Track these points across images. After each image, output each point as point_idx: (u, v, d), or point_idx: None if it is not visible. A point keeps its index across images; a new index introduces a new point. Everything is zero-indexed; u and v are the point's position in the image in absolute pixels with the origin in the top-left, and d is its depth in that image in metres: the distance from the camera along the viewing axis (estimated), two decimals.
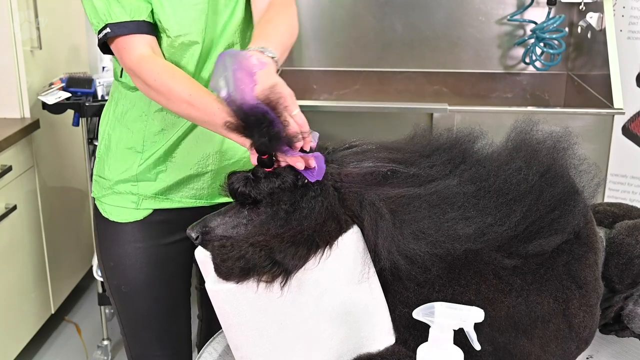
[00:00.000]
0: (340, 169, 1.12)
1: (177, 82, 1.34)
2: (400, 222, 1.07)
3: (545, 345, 1.15)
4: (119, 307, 1.63)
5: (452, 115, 2.40)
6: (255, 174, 1.12)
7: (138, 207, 1.54)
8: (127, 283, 1.58)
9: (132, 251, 1.55)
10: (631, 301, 1.29)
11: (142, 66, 1.37)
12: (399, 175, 1.12)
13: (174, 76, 1.36)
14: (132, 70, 1.39)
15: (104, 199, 1.57)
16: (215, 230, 1.15)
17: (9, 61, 2.59)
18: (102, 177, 1.58)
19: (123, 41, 1.38)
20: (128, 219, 1.55)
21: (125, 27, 1.37)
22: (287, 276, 1.06)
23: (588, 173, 1.19)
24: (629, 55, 2.77)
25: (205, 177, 1.57)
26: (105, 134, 1.58)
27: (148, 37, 1.40)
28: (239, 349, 1.13)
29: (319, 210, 1.07)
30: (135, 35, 1.38)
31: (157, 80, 1.35)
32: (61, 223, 2.88)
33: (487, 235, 1.09)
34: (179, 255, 1.60)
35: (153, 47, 1.41)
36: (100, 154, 1.59)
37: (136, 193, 1.54)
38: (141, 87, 1.39)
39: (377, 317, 1.15)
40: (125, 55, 1.39)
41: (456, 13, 3.01)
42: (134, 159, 1.54)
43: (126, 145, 1.54)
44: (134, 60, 1.37)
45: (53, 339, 2.94)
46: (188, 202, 1.56)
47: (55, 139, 2.86)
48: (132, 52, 1.38)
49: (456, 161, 1.17)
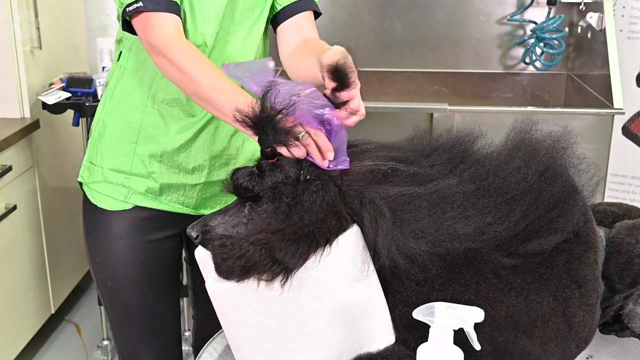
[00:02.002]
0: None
1: (205, 65, 1.33)
2: (400, 221, 1.07)
3: (545, 345, 1.15)
4: (105, 302, 1.64)
5: (452, 115, 2.41)
6: (260, 168, 1.13)
7: (126, 200, 1.54)
8: (112, 279, 1.58)
9: (118, 247, 1.55)
10: (631, 301, 1.29)
11: (171, 45, 1.34)
12: (399, 173, 1.13)
13: (202, 59, 1.34)
14: (157, 47, 1.35)
15: (94, 185, 1.56)
16: (215, 229, 1.15)
17: (9, 61, 2.59)
18: (93, 164, 1.56)
19: (153, 17, 1.36)
20: (116, 208, 1.54)
21: (158, 3, 1.36)
22: (287, 275, 1.06)
23: (587, 172, 1.19)
24: (629, 55, 2.77)
25: (197, 187, 1.56)
26: (99, 121, 1.56)
27: (177, 18, 1.39)
28: (239, 349, 1.13)
29: (320, 204, 1.08)
30: (166, 13, 1.37)
31: (185, 58, 1.32)
32: (61, 223, 2.88)
33: (486, 234, 1.09)
34: (165, 252, 1.60)
35: (179, 30, 1.39)
36: (93, 140, 1.58)
37: (127, 186, 1.53)
38: (164, 66, 1.36)
39: (377, 317, 1.15)
40: (153, 31, 1.36)
41: (456, 13, 3.02)
42: (128, 149, 1.53)
43: (121, 135, 1.53)
44: (162, 37, 1.35)
45: (53, 339, 2.94)
46: (175, 207, 1.56)
47: (55, 139, 2.87)
48: (161, 29, 1.36)
49: (456, 161, 1.17)
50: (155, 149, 1.52)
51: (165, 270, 1.62)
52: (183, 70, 1.32)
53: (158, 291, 1.62)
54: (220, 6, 1.46)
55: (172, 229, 1.59)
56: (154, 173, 1.53)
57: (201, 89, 1.31)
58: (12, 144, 2.48)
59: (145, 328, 1.63)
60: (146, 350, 1.64)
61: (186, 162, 1.54)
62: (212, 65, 1.34)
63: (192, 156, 1.54)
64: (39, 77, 2.72)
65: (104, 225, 1.56)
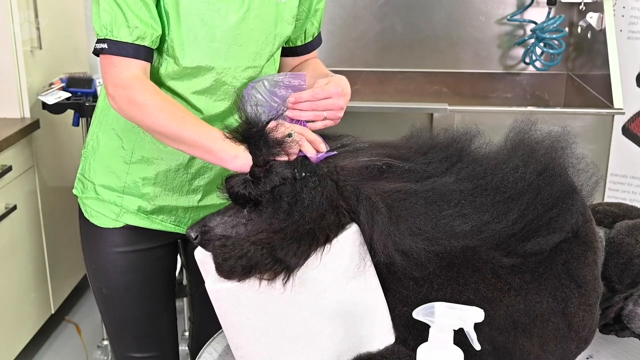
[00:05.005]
0: (336, 162, 1.13)
1: (170, 102, 1.31)
2: (396, 218, 1.08)
3: (545, 344, 1.15)
4: (101, 308, 1.63)
5: (452, 115, 2.41)
6: (253, 175, 1.13)
7: (117, 219, 1.52)
8: (107, 286, 1.57)
9: (112, 256, 1.54)
10: (631, 301, 1.29)
11: (133, 84, 1.31)
12: (394, 169, 1.13)
13: (165, 97, 1.33)
14: (116, 88, 1.32)
15: (87, 200, 1.54)
16: (215, 229, 1.15)
17: (9, 61, 2.59)
18: (85, 178, 1.54)
19: (117, 60, 1.32)
20: (107, 225, 1.53)
21: (124, 48, 1.32)
22: (288, 274, 1.06)
23: (586, 172, 1.19)
24: (629, 55, 2.77)
25: (190, 210, 1.54)
26: (94, 135, 1.54)
27: (145, 63, 1.35)
28: (239, 349, 1.13)
29: (319, 200, 1.08)
30: (133, 59, 1.33)
31: (148, 99, 1.30)
32: (61, 223, 2.88)
33: (484, 233, 1.09)
34: (158, 260, 1.59)
35: (145, 73, 1.36)
36: (86, 153, 1.55)
37: (120, 205, 1.51)
38: (122, 106, 1.33)
39: (376, 316, 1.15)
40: (114, 72, 1.33)
41: (456, 13, 3.02)
42: (121, 169, 1.50)
43: (114, 153, 1.50)
44: (124, 78, 1.32)
45: (53, 339, 2.94)
46: (167, 226, 1.54)
47: (55, 139, 2.86)
48: (124, 71, 1.32)
49: (453, 159, 1.17)
50: (149, 171, 1.49)
51: (159, 278, 1.61)
52: (147, 107, 1.30)
53: (153, 298, 1.61)
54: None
55: (166, 238, 1.58)
56: (147, 195, 1.50)
57: (165, 129, 1.29)
58: (12, 144, 2.47)
59: (141, 335, 1.62)
60: (142, 357, 1.64)
61: (180, 184, 1.51)
62: (176, 104, 1.32)
63: (187, 179, 1.51)
64: (39, 77, 2.72)
65: (98, 237, 1.55)
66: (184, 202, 1.52)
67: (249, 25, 1.41)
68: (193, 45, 1.39)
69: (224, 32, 1.39)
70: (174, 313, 1.69)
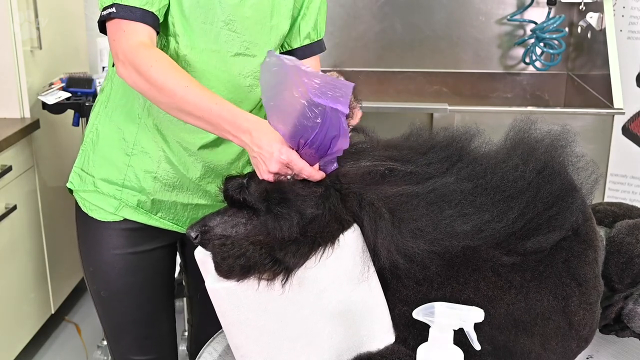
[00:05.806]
0: (338, 169, 1.13)
1: (175, 73, 1.29)
2: (398, 221, 1.08)
3: (546, 343, 1.15)
4: (99, 311, 1.62)
5: (452, 115, 2.41)
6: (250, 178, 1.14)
7: (116, 212, 1.50)
8: (106, 289, 1.56)
9: (110, 258, 1.53)
10: (631, 301, 1.28)
11: (140, 52, 1.29)
12: (396, 173, 1.13)
13: (171, 65, 1.30)
14: (125, 54, 1.30)
15: (85, 194, 1.52)
16: (215, 229, 1.15)
17: (9, 61, 2.59)
18: (84, 172, 1.53)
19: (125, 24, 1.31)
20: (106, 219, 1.51)
21: (132, 11, 1.31)
22: (287, 274, 1.06)
23: (586, 170, 1.20)
24: (629, 55, 2.77)
25: (189, 207, 1.53)
26: (93, 128, 1.53)
27: (152, 30, 1.34)
28: (239, 348, 1.13)
29: (322, 213, 1.08)
30: (140, 23, 1.32)
31: (153, 67, 1.27)
32: (61, 223, 2.88)
33: (484, 232, 1.09)
34: (157, 261, 1.58)
35: (152, 41, 1.34)
36: (85, 147, 1.54)
37: (119, 198, 1.50)
38: (131, 76, 1.31)
39: (376, 316, 1.15)
40: (123, 38, 1.31)
41: (456, 13, 3.02)
42: (122, 162, 1.49)
43: (115, 145, 1.49)
44: (132, 45, 1.30)
45: (53, 339, 2.94)
46: (166, 223, 1.53)
47: (55, 139, 2.86)
48: (132, 37, 1.31)
49: (453, 159, 1.17)
50: (150, 165, 1.48)
51: (158, 280, 1.60)
52: (152, 77, 1.28)
53: (151, 301, 1.60)
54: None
55: (164, 239, 1.57)
56: (147, 189, 1.49)
57: (171, 99, 1.27)
58: (12, 144, 2.47)
59: (139, 337, 1.62)
60: (142, 359, 1.64)
61: (181, 180, 1.50)
62: (183, 72, 1.30)
63: (188, 174, 1.50)
64: (39, 77, 2.72)
65: (96, 236, 1.54)
66: (184, 199, 1.52)
67: (245, 13, 1.41)
68: (186, 26, 1.39)
69: (217, 15, 1.39)
70: (173, 314, 1.68)
